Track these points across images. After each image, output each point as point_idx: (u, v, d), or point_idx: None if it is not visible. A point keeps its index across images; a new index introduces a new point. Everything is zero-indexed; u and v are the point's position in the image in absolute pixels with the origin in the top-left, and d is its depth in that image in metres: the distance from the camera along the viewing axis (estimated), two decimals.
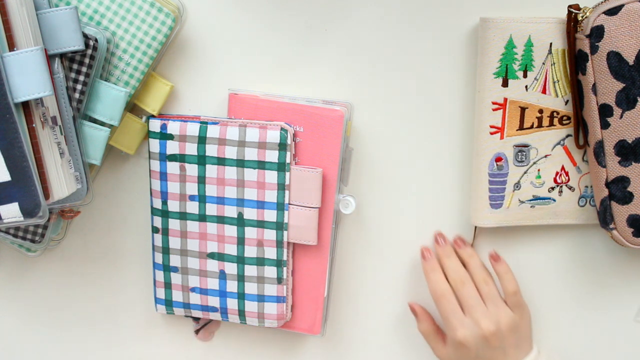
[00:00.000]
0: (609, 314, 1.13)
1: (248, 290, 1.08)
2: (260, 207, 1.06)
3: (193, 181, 1.06)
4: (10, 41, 0.92)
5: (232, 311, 1.09)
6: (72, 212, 1.06)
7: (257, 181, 1.05)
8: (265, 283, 1.07)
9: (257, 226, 1.06)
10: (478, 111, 1.07)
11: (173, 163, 1.06)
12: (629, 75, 1.02)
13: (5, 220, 0.94)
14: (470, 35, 1.07)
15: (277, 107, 1.05)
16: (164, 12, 1.02)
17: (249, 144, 1.04)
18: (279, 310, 1.08)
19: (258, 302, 1.08)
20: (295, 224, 1.06)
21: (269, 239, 1.06)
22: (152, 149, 1.06)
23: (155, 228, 1.08)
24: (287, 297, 1.08)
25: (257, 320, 1.09)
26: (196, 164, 1.05)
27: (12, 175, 0.93)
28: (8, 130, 0.92)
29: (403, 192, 1.10)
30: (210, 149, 1.05)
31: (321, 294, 1.08)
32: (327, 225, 1.07)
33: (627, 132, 1.03)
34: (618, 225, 1.06)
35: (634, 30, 1.01)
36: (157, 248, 1.08)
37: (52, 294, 1.12)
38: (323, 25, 1.07)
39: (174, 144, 1.05)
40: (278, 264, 1.07)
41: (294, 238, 1.06)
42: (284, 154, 1.04)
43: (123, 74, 1.03)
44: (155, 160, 1.06)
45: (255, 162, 1.04)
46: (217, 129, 1.04)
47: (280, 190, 1.05)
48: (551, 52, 1.05)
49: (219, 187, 1.06)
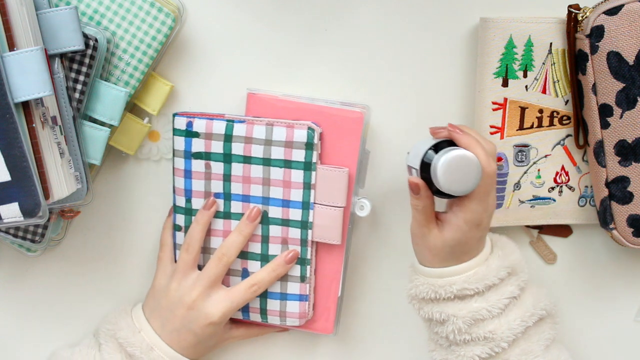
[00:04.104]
0: (609, 314, 1.13)
1: (271, 289, 1.07)
2: (286, 206, 1.05)
3: (218, 179, 1.05)
4: (10, 41, 0.92)
5: (253, 309, 1.08)
6: (72, 212, 1.06)
7: (283, 180, 1.04)
8: (289, 281, 1.07)
9: (282, 225, 1.06)
10: (478, 111, 1.07)
11: (198, 161, 1.05)
12: (629, 75, 1.02)
13: (5, 220, 0.94)
14: (470, 35, 1.07)
15: (296, 108, 1.05)
16: (164, 12, 1.02)
17: (275, 143, 1.03)
18: (301, 308, 1.08)
19: (280, 301, 1.07)
20: (320, 223, 1.05)
21: (293, 238, 1.06)
22: (177, 146, 1.05)
23: (178, 226, 1.07)
24: (309, 296, 1.07)
25: (279, 318, 1.08)
26: (222, 162, 1.04)
27: (12, 175, 0.93)
28: (8, 130, 0.92)
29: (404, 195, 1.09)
30: (236, 147, 1.04)
31: (335, 293, 1.08)
32: (344, 226, 1.07)
33: (627, 132, 1.03)
34: (618, 225, 1.06)
35: (634, 30, 1.01)
36: (178, 246, 1.07)
37: (52, 294, 1.12)
38: (323, 25, 1.07)
39: (199, 142, 1.04)
40: (302, 262, 1.06)
41: (318, 237, 1.06)
42: (311, 153, 1.03)
43: (123, 74, 1.03)
44: (180, 157, 1.05)
45: (282, 161, 1.04)
46: (244, 127, 1.04)
47: (306, 190, 1.04)
48: (551, 52, 1.05)
49: (244, 185, 1.05)
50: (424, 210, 0.98)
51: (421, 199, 0.97)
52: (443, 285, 0.98)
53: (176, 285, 1.05)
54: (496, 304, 0.98)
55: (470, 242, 0.98)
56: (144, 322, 1.05)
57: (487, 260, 0.99)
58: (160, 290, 1.06)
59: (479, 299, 0.98)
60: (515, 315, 0.99)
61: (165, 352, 1.04)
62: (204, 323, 1.04)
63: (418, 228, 0.99)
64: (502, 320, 0.98)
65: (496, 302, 0.98)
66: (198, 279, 1.05)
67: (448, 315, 0.98)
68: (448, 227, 0.97)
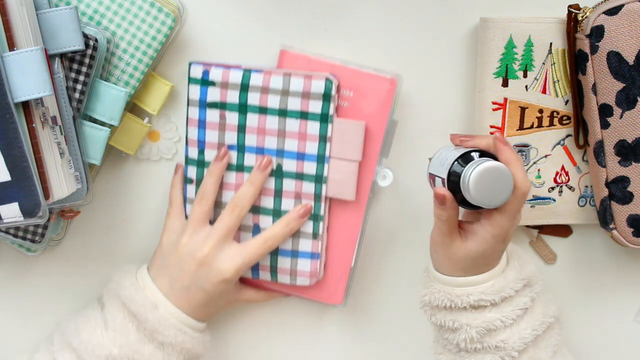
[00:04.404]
0: (609, 314, 1.13)
1: (282, 246, 1.05)
2: (300, 159, 1.03)
3: (233, 130, 1.03)
4: (10, 41, 0.92)
5: (263, 267, 1.06)
6: (72, 212, 1.06)
7: (299, 132, 1.02)
8: (301, 238, 1.05)
9: (296, 178, 1.04)
10: (478, 111, 1.07)
11: (213, 111, 1.03)
12: (629, 75, 1.02)
13: (5, 220, 0.94)
14: (470, 35, 1.07)
15: (328, 69, 1.03)
16: (164, 12, 1.02)
17: (292, 94, 1.01)
18: (312, 267, 1.05)
19: (291, 258, 1.05)
20: (334, 177, 1.03)
21: (307, 192, 1.04)
22: (192, 95, 1.03)
23: (189, 179, 1.05)
24: (321, 254, 1.05)
25: (289, 277, 1.06)
26: (237, 112, 1.02)
27: (12, 175, 0.93)
28: (8, 130, 0.92)
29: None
30: (252, 98, 1.02)
31: (348, 263, 1.07)
32: (364, 196, 1.05)
33: (627, 132, 1.03)
34: (618, 225, 1.06)
35: (634, 30, 1.01)
36: (189, 200, 1.05)
37: (52, 294, 1.12)
38: (323, 25, 1.07)
39: (215, 91, 1.02)
40: (315, 219, 1.05)
41: (332, 192, 1.04)
42: (328, 105, 1.01)
43: (123, 74, 1.03)
44: (195, 107, 1.03)
45: (298, 112, 1.02)
46: (261, 77, 1.02)
47: (322, 142, 1.03)
48: (551, 52, 1.05)
49: (259, 137, 1.03)
50: (448, 220, 0.96)
51: (446, 210, 0.95)
52: (460, 295, 0.98)
53: (187, 239, 1.03)
54: (509, 315, 0.98)
55: (493, 255, 0.97)
56: (149, 281, 1.03)
57: (504, 272, 0.99)
58: (168, 247, 1.04)
59: (493, 309, 0.98)
60: (526, 325, 0.98)
61: (169, 311, 1.01)
62: (216, 280, 1.01)
63: (440, 237, 0.97)
64: (514, 330, 0.98)
65: (510, 313, 0.98)
66: (210, 232, 1.02)
67: (461, 324, 0.98)
68: (473, 239, 0.96)
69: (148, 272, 1.04)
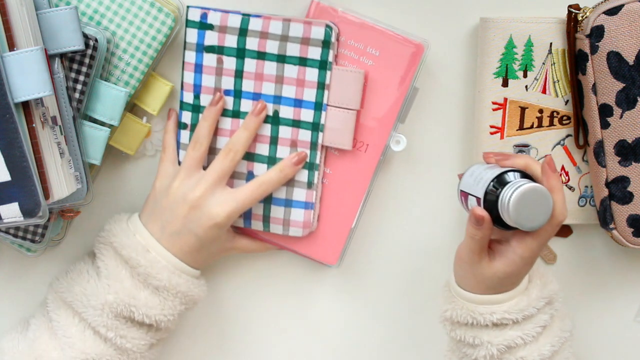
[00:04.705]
0: (609, 314, 1.13)
1: (275, 194, 1.04)
2: (297, 106, 1.02)
3: (229, 75, 1.02)
4: (10, 41, 0.92)
5: (256, 217, 1.05)
6: (72, 212, 1.06)
7: (297, 78, 1.02)
8: (295, 187, 1.04)
9: (292, 126, 1.03)
10: (478, 111, 1.07)
11: (210, 55, 1.02)
12: (629, 75, 1.02)
13: (5, 220, 0.94)
14: (470, 35, 1.07)
15: (358, 25, 1.02)
16: (164, 12, 1.02)
17: (291, 39, 1.01)
18: (306, 217, 1.04)
19: (285, 208, 1.04)
20: (331, 126, 1.03)
21: (303, 140, 1.03)
22: (189, 39, 1.02)
23: (184, 124, 1.04)
24: (315, 204, 1.05)
25: (282, 227, 1.05)
26: (234, 57, 1.02)
27: (12, 175, 0.93)
28: (8, 130, 0.92)
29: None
30: (250, 42, 1.01)
31: (349, 224, 1.06)
32: (374, 158, 1.04)
33: (627, 132, 1.03)
34: (618, 225, 1.06)
35: (634, 30, 1.01)
36: (182, 146, 1.04)
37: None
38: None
39: (213, 35, 1.01)
40: (310, 167, 1.03)
41: (328, 141, 1.03)
42: (327, 51, 1.01)
43: (123, 74, 1.03)
44: (192, 51, 1.02)
45: (297, 58, 1.01)
46: (260, 21, 1.01)
47: (320, 90, 1.02)
48: (551, 52, 1.05)
49: (256, 83, 1.02)
50: (481, 240, 0.95)
51: (481, 231, 0.94)
52: (483, 313, 0.98)
53: (179, 183, 1.01)
54: (530, 332, 0.98)
55: (519, 276, 0.97)
56: (140, 227, 1.01)
57: (527, 290, 0.99)
58: (160, 191, 1.03)
59: (515, 326, 0.98)
60: (545, 341, 0.99)
61: (161, 254, 1.00)
62: (208, 224, 1.00)
63: (469, 255, 0.97)
64: (533, 347, 0.98)
65: (530, 330, 0.98)
66: (203, 176, 1.01)
67: (482, 341, 0.98)
68: (501, 260, 0.96)
69: (139, 219, 1.03)
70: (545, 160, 0.94)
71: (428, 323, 1.10)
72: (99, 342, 1.00)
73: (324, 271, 1.12)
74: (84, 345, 1.00)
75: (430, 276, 1.11)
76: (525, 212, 0.92)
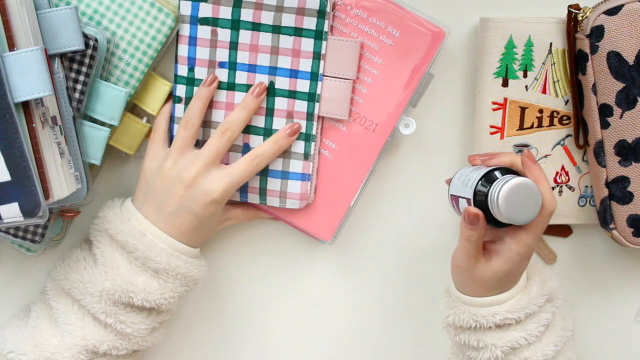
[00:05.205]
0: (609, 314, 1.13)
1: (272, 166, 1.04)
2: (293, 77, 1.02)
3: (224, 47, 1.02)
4: (10, 41, 0.92)
5: (252, 189, 1.05)
6: (72, 212, 1.06)
7: (292, 49, 1.01)
8: (291, 158, 1.03)
9: (288, 97, 1.02)
10: (478, 111, 1.07)
11: (204, 27, 1.02)
12: (629, 75, 1.02)
13: (5, 220, 0.94)
14: (470, 35, 1.07)
15: (380, 5, 1.02)
16: (164, 12, 1.02)
17: (286, 10, 1.00)
18: (302, 189, 1.04)
19: (281, 180, 1.04)
20: (327, 96, 1.02)
21: (299, 111, 1.03)
22: (183, 11, 1.02)
23: (178, 97, 1.03)
24: (312, 176, 1.04)
25: (279, 200, 1.04)
26: (229, 29, 1.01)
27: (12, 175, 0.93)
28: (8, 130, 0.92)
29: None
30: (245, 14, 1.01)
31: (348, 201, 1.06)
32: (381, 138, 1.04)
33: (627, 132, 1.03)
34: (618, 225, 1.06)
35: (634, 30, 1.01)
36: (177, 120, 1.04)
37: None
38: None
39: (207, 7, 1.01)
40: (306, 138, 1.03)
41: (325, 111, 1.03)
42: (322, 21, 1.00)
43: (123, 74, 1.03)
44: (185, 23, 1.02)
45: (292, 28, 1.01)
46: None
47: (316, 60, 1.01)
48: (551, 52, 1.05)
49: (251, 54, 1.02)
50: (477, 241, 0.95)
51: (477, 230, 0.94)
52: (485, 315, 0.98)
53: (172, 163, 1.01)
54: (533, 332, 0.98)
55: (517, 273, 0.97)
56: (134, 211, 1.01)
57: (526, 288, 0.99)
58: (152, 172, 1.02)
59: (518, 327, 0.98)
60: (548, 341, 0.99)
61: (158, 237, 1.00)
62: (205, 201, 1.00)
63: (465, 259, 0.96)
64: (537, 347, 0.98)
65: (533, 330, 0.98)
66: (198, 155, 1.01)
67: (486, 344, 0.98)
68: (498, 259, 0.96)
69: (133, 204, 1.02)
70: (524, 154, 0.95)
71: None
72: (99, 329, 1.00)
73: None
74: (84, 331, 1.00)
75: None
76: (515, 206, 0.92)
